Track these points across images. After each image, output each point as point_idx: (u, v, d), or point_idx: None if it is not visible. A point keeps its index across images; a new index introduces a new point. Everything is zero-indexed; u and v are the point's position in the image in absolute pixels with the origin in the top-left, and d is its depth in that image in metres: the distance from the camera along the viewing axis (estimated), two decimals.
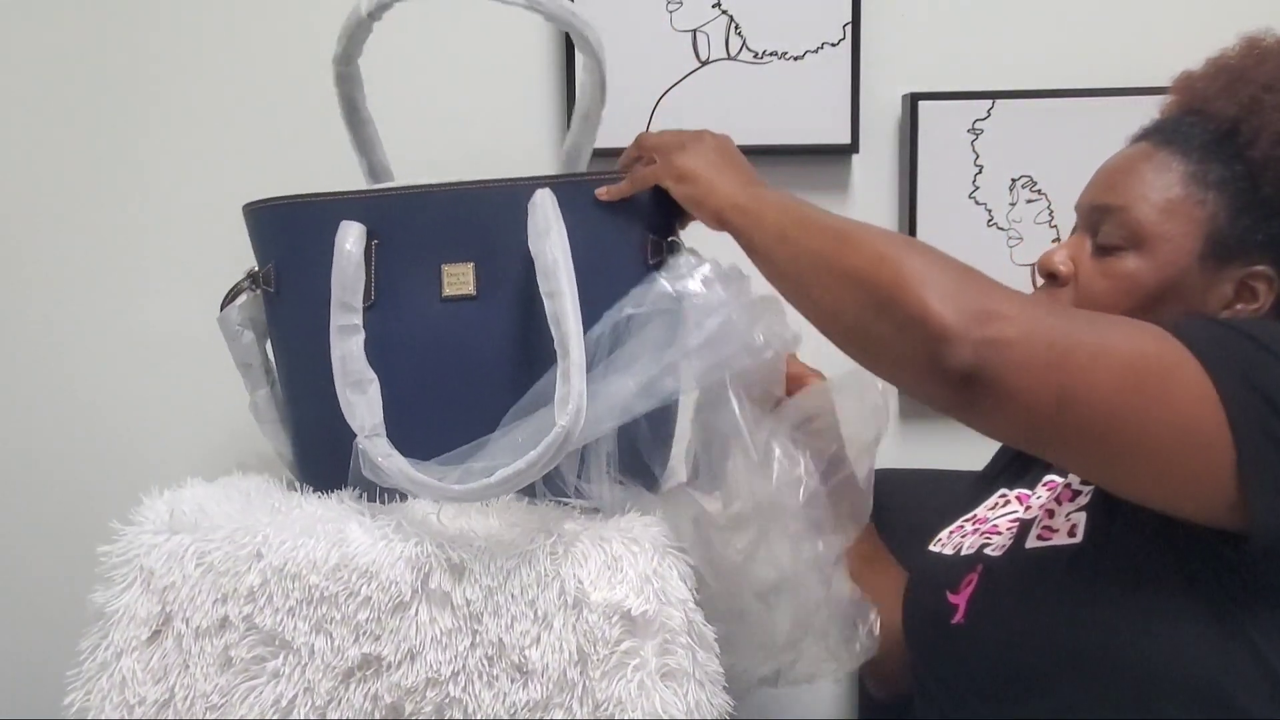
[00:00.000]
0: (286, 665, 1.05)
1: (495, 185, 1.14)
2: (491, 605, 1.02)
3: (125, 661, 1.07)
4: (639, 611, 1.00)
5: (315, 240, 1.13)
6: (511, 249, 1.11)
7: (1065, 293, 1.13)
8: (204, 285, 1.31)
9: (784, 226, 1.07)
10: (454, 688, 1.01)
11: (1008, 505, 1.22)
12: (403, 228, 1.14)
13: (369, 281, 1.12)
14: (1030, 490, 1.21)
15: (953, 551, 1.20)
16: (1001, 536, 1.15)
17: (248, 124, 1.62)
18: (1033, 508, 1.16)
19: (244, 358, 1.25)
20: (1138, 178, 1.11)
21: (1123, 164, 1.14)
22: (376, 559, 1.04)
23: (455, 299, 1.14)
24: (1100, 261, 1.12)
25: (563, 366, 1.02)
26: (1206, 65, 1.16)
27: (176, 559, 1.08)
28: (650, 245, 1.15)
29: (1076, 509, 1.08)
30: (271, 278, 1.19)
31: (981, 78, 1.61)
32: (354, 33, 1.17)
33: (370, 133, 1.27)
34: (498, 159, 1.56)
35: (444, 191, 1.15)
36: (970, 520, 1.25)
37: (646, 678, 0.99)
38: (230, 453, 1.39)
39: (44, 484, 1.69)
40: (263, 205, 1.19)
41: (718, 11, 1.58)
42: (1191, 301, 1.08)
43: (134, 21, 1.61)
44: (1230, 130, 1.09)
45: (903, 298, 0.94)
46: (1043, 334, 0.92)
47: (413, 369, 1.13)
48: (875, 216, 1.64)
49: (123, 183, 1.64)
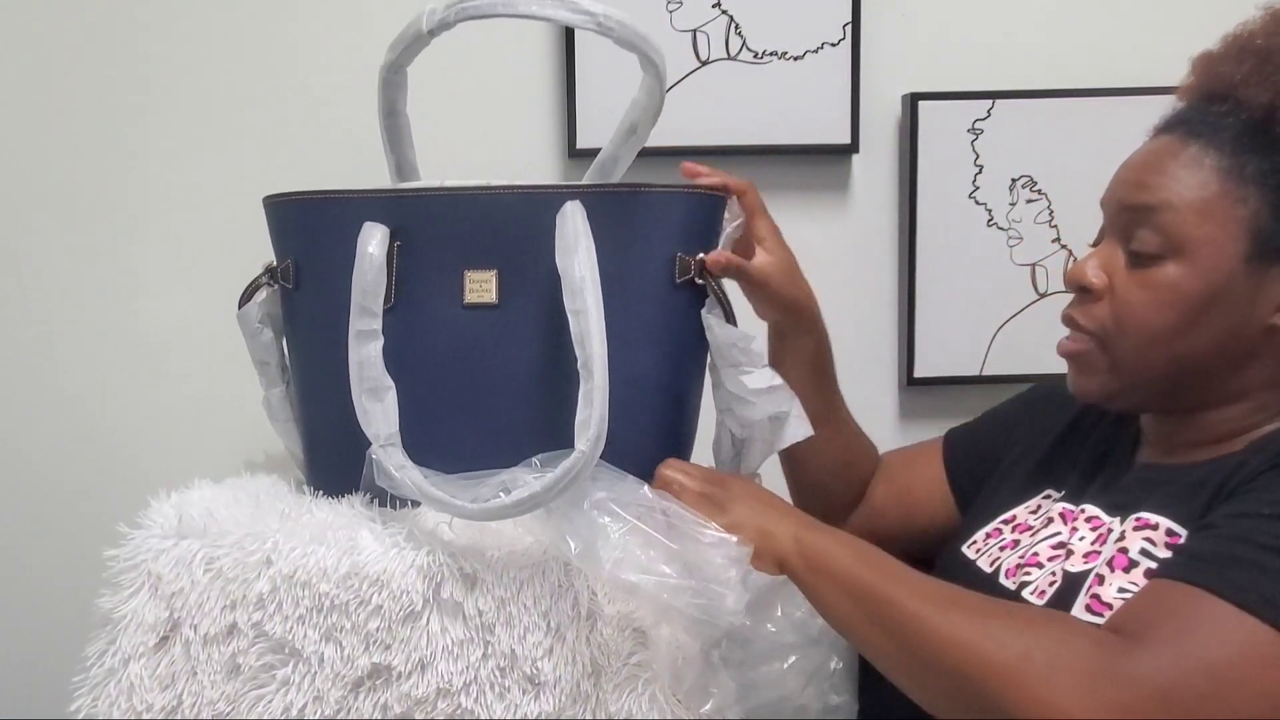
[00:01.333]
0: (296, 674, 1.04)
1: (523, 191, 1.12)
2: (504, 616, 1.02)
3: (133, 667, 1.06)
4: (650, 624, 1.00)
5: (337, 238, 1.12)
6: (536, 258, 1.09)
7: (1101, 307, 1.08)
8: (207, 284, 1.31)
9: (850, 590, 0.98)
10: (465, 698, 1.01)
11: (1050, 525, 1.14)
12: (426, 230, 1.12)
13: (390, 284, 1.11)
14: (1074, 505, 1.14)
15: (990, 568, 1.15)
16: (1042, 572, 1.09)
17: (252, 123, 1.61)
18: (1075, 550, 1.08)
19: (261, 355, 1.24)
20: (1169, 176, 1.04)
21: (1151, 161, 1.06)
22: (388, 568, 1.03)
23: (476, 306, 1.12)
24: (1137, 272, 1.05)
25: (585, 389, 1.01)
26: (1228, 45, 1.09)
27: (185, 564, 1.07)
28: (679, 264, 1.12)
29: (1134, 587, 1.00)
30: (290, 273, 1.18)
31: (981, 78, 1.62)
32: (410, 45, 1.14)
33: (405, 133, 1.24)
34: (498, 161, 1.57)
35: (470, 195, 1.12)
36: (1010, 524, 1.19)
37: (659, 691, 0.99)
38: (238, 452, 1.38)
39: (48, 486, 1.68)
40: (285, 199, 1.18)
41: (718, 11, 1.58)
42: (1241, 307, 1.02)
43: (132, 21, 1.60)
44: (1266, 118, 1.02)
45: (1005, 698, 0.87)
46: (1173, 688, 0.85)
47: (431, 375, 1.12)
48: (875, 216, 1.65)
49: (128, 183, 1.63)
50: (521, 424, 1.10)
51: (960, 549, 1.21)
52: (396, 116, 1.21)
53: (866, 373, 1.67)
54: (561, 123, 1.60)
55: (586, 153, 1.54)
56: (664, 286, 1.12)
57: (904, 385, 1.66)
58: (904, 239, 1.63)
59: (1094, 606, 1.01)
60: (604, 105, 1.55)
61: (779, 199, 1.63)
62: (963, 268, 1.63)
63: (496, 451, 1.05)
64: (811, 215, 1.64)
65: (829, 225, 1.65)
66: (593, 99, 1.57)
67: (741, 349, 1.13)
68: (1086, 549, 1.07)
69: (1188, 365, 1.06)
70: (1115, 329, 1.08)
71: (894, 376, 1.68)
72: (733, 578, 0.98)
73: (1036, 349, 1.62)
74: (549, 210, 1.08)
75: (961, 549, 1.21)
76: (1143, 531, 1.03)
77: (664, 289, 1.12)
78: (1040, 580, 1.08)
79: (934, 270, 1.62)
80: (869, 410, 1.58)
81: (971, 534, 1.22)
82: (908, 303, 1.63)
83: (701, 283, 1.12)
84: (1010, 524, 1.19)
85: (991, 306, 1.64)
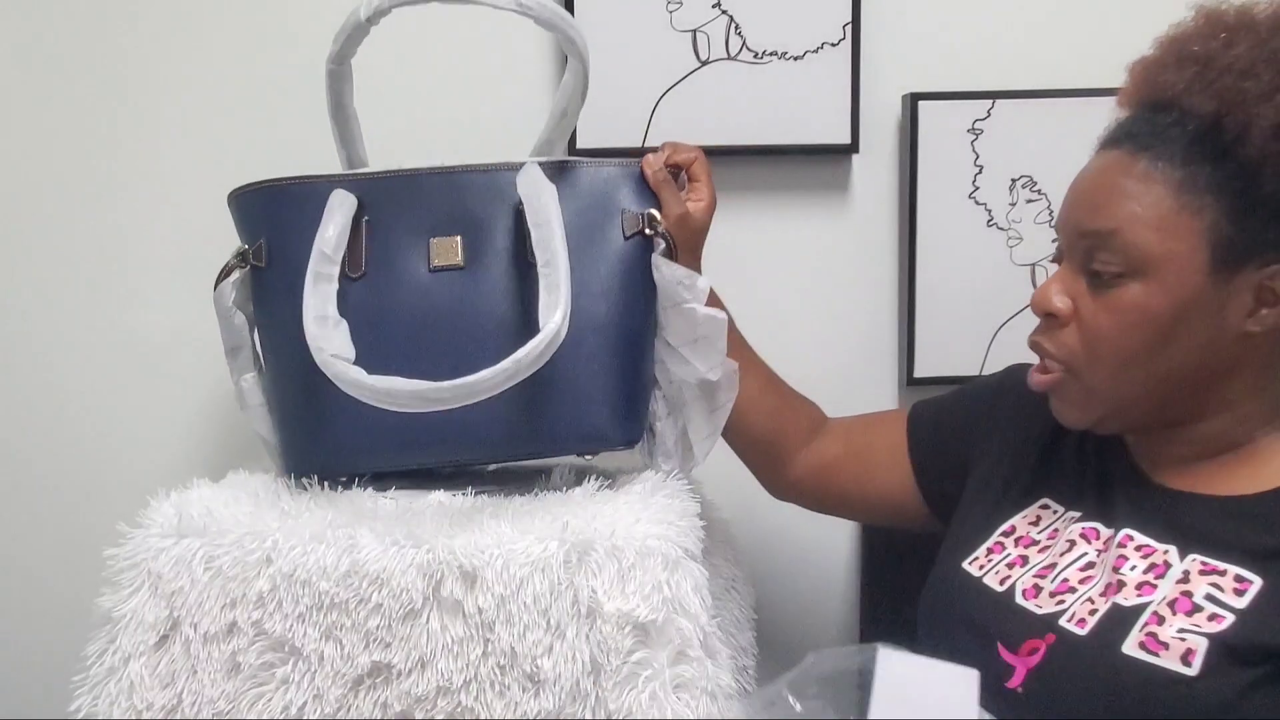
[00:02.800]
0: (296, 672, 1.04)
1: (482, 168, 1.20)
2: (504, 614, 1.02)
3: (133, 666, 1.06)
4: (650, 621, 1.00)
5: (307, 215, 1.17)
6: (497, 222, 1.19)
7: (1068, 333, 1.07)
8: (207, 284, 1.31)
9: None
10: (465, 696, 1.01)
11: (1073, 547, 1.11)
12: (393, 205, 1.19)
13: (360, 253, 1.17)
14: (1101, 526, 1.11)
15: (1001, 586, 1.12)
16: (1076, 597, 1.06)
17: (240, 123, 1.61)
18: (1126, 580, 1.04)
19: (234, 340, 1.25)
20: (1122, 194, 1.03)
21: (1102, 180, 1.06)
22: (388, 566, 1.03)
23: (443, 269, 1.18)
24: (1101, 295, 1.04)
25: (550, 280, 1.08)
26: (1164, 50, 1.07)
27: (184, 563, 1.07)
28: (626, 219, 1.21)
29: (1196, 631, 0.98)
30: (263, 253, 1.21)
31: (981, 78, 1.61)
32: (350, 35, 1.20)
33: (354, 128, 1.31)
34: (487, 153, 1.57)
35: (433, 174, 1.20)
36: (1010, 537, 1.16)
37: (659, 688, 0.99)
38: (237, 452, 1.39)
39: (48, 486, 1.68)
40: (252, 188, 1.23)
41: (718, 11, 1.57)
42: (1212, 318, 1.02)
43: (131, 22, 1.60)
44: (1213, 126, 1.01)
45: None
46: None
47: (402, 337, 1.16)
48: (875, 216, 1.65)
49: (119, 183, 1.63)
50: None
51: (961, 565, 1.18)
52: (344, 110, 1.28)
53: (866, 373, 1.67)
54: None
55: (586, 153, 1.54)
56: (615, 242, 1.20)
57: (904, 385, 1.66)
58: (904, 239, 1.63)
59: (1149, 644, 0.99)
60: (604, 105, 1.55)
61: (779, 199, 1.65)
62: (963, 268, 1.62)
63: (467, 409, 1.06)
64: (811, 215, 1.64)
65: (829, 225, 1.65)
66: (592, 99, 1.56)
67: (687, 286, 1.19)
68: (1139, 579, 1.04)
69: (1169, 383, 1.05)
70: (1087, 356, 1.07)
71: (894, 376, 1.68)
72: None
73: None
74: (507, 181, 1.18)
75: (962, 565, 1.18)
76: (1209, 577, 1.01)
77: (615, 244, 1.20)
78: (1077, 608, 1.05)
79: (934, 270, 1.62)
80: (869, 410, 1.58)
81: (971, 549, 1.19)
82: (908, 303, 1.63)
83: (650, 232, 1.21)
84: (1011, 537, 1.17)
85: (991, 306, 1.63)
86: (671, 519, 1.09)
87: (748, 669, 1.28)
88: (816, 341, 1.66)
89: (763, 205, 1.64)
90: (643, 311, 1.22)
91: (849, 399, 1.50)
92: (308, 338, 1.08)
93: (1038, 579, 1.10)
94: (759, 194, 1.63)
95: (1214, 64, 1.02)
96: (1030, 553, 1.13)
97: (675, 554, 1.04)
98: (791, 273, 1.65)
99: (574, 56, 1.21)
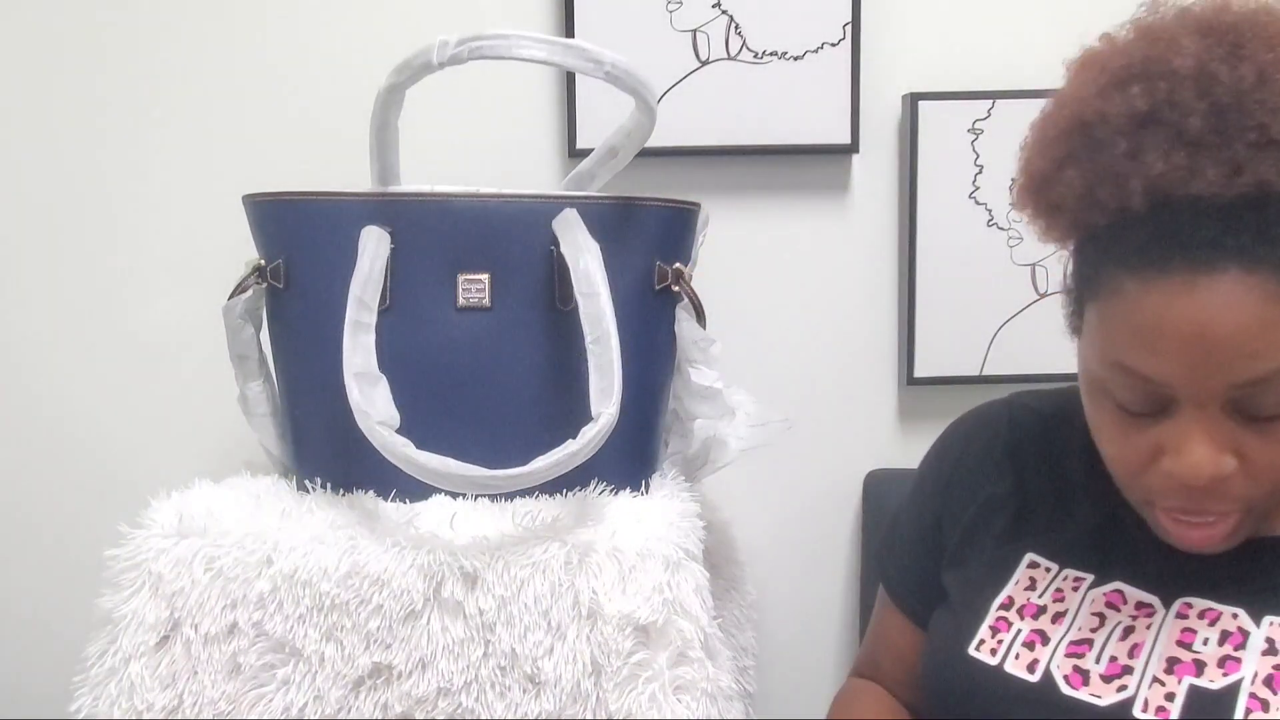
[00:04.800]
0: (296, 673, 1.04)
1: (515, 199, 1.15)
2: (505, 615, 1.02)
3: (133, 667, 1.06)
4: (651, 622, 1.00)
5: (331, 239, 1.14)
6: (528, 263, 1.14)
7: (1236, 480, 0.89)
8: (207, 284, 1.31)
9: None
10: (466, 697, 1.01)
11: (1104, 621, 0.98)
12: (420, 233, 1.15)
13: (386, 286, 1.13)
14: (1132, 588, 0.99)
15: (1034, 675, 0.98)
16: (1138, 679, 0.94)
17: (248, 124, 1.61)
18: (1205, 659, 0.93)
19: (241, 350, 1.25)
20: (1268, 326, 0.83)
21: (1239, 318, 0.83)
22: (388, 567, 1.03)
23: (470, 309, 1.15)
24: (1264, 431, 0.87)
25: (602, 360, 1.06)
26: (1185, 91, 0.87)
27: (185, 564, 1.07)
28: (657, 272, 1.18)
29: None
30: (281, 273, 1.19)
31: (981, 78, 1.61)
32: (416, 73, 1.15)
33: (393, 142, 1.26)
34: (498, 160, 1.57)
35: (464, 201, 1.15)
36: (1011, 609, 1.03)
37: (659, 690, 0.99)
38: (238, 452, 1.38)
39: (49, 486, 1.68)
40: (272, 198, 1.19)
41: (718, 11, 1.57)
42: None
43: (128, 22, 1.60)
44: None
45: None
46: None
47: (426, 377, 1.14)
48: (875, 216, 1.65)
49: (121, 184, 1.63)
50: (516, 426, 1.13)
51: (967, 652, 1.03)
52: (388, 129, 1.23)
53: (866, 373, 1.67)
54: (562, 123, 1.60)
55: (586, 153, 1.53)
56: (645, 293, 1.18)
57: (904, 385, 1.66)
58: (904, 239, 1.63)
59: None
60: (604, 105, 1.55)
61: (779, 199, 1.65)
62: (963, 268, 1.62)
63: (491, 454, 1.05)
64: (811, 215, 1.64)
65: (829, 225, 1.65)
66: (593, 99, 1.57)
67: (701, 348, 1.19)
68: (1219, 655, 0.93)
69: None
70: (1266, 491, 0.91)
71: (894, 376, 1.68)
72: None
73: (1036, 349, 1.62)
74: (540, 217, 1.13)
75: (969, 652, 1.03)
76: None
77: (644, 295, 1.18)
78: (1149, 693, 0.93)
79: (934, 270, 1.62)
80: (869, 410, 1.59)
81: (971, 632, 1.04)
82: (908, 303, 1.63)
83: (677, 289, 1.19)
84: (1011, 609, 1.04)
85: (991, 306, 1.63)
86: (672, 520, 1.09)
87: (748, 669, 1.28)
88: (816, 341, 1.66)
89: (763, 205, 1.64)
90: (663, 370, 1.22)
91: (849, 399, 1.51)
92: (350, 399, 1.05)
93: (1074, 660, 0.98)
94: (759, 194, 1.63)
95: (1244, 107, 0.85)
96: (1043, 624, 1.01)
97: (676, 555, 1.04)
98: (791, 273, 1.65)
99: (645, 115, 1.20)
